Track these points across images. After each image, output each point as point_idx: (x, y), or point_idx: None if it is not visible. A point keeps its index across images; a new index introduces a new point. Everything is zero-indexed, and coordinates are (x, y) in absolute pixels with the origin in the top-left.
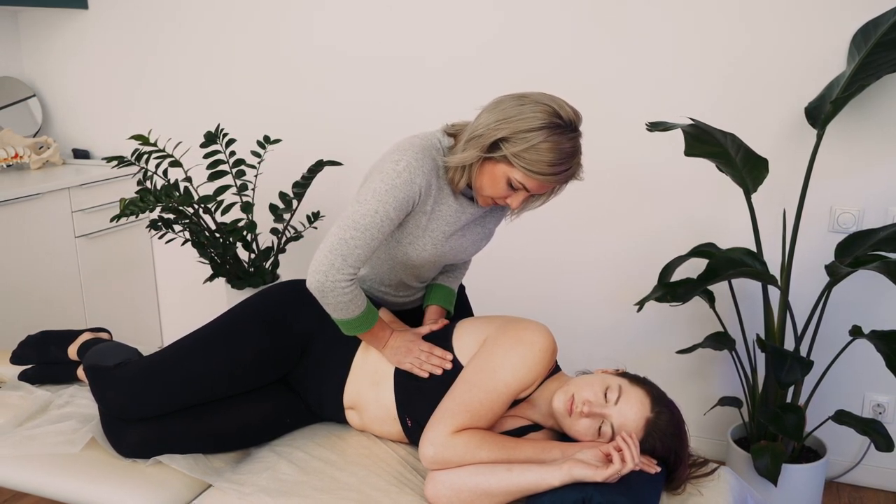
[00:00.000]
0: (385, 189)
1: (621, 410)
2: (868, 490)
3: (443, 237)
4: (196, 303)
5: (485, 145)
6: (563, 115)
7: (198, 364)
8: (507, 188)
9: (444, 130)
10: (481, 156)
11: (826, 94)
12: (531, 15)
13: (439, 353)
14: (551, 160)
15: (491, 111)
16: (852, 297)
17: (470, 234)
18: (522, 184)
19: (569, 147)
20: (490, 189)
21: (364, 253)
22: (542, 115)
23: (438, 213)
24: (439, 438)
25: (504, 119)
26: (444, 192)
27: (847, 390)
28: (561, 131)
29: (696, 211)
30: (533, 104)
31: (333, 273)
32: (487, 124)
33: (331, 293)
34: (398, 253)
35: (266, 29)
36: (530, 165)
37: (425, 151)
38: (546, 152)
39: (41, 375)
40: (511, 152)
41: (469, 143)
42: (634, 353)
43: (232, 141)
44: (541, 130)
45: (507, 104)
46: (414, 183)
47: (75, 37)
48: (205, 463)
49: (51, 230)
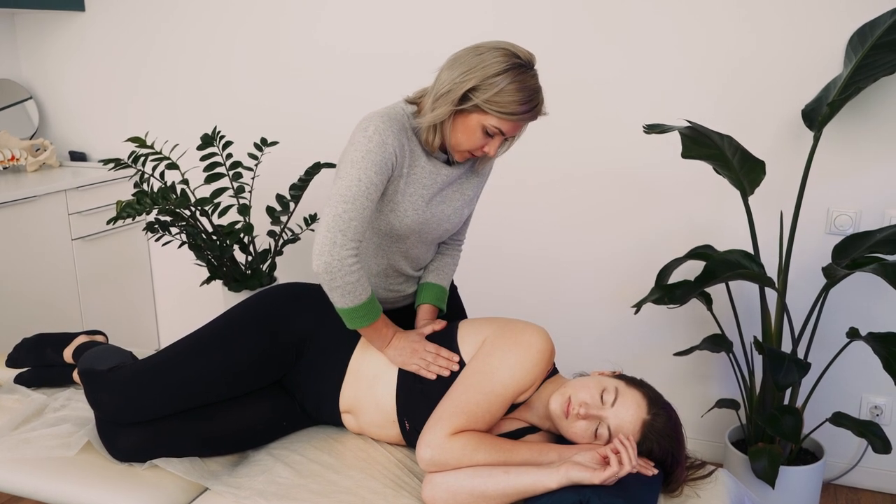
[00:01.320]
0: (361, 156)
1: (618, 413)
2: (865, 492)
3: (422, 202)
4: (193, 305)
5: (455, 99)
6: (521, 55)
7: (193, 367)
8: (484, 136)
9: (405, 100)
10: (453, 109)
11: (823, 97)
12: (530, 16)
13: (446, 354)
14: (521, 99)
15: (451, 67)
16: (849, 299)
17: (450, 201)
18: (498, 128)
19: (532, 83)
20: (466, 142)
21: (360, 224)
22: (502, 59)
23: (414, 176)
24: (436, 441)
25: (468, 70)
26: (416, 154)
27: (844, 392)
28: (524, 70)
29: (694, 213)
30: (490, 51)
31: (337, 250)
32: (452, 79)
33: (339, 272)
34: (381, 224)
35: (262, 31)
36: (503, 108)
37: (391, 117)
38: (515, 93)
39: (37, 378)
40: (482, 99)
41: (437, 101)
42: (632, 355)
43: (229, 143)
44: (506, 73)
45: (466, 56)
46: (387, 143)
47: (72, 39)
48: (201, 466)
49: (47, 232)
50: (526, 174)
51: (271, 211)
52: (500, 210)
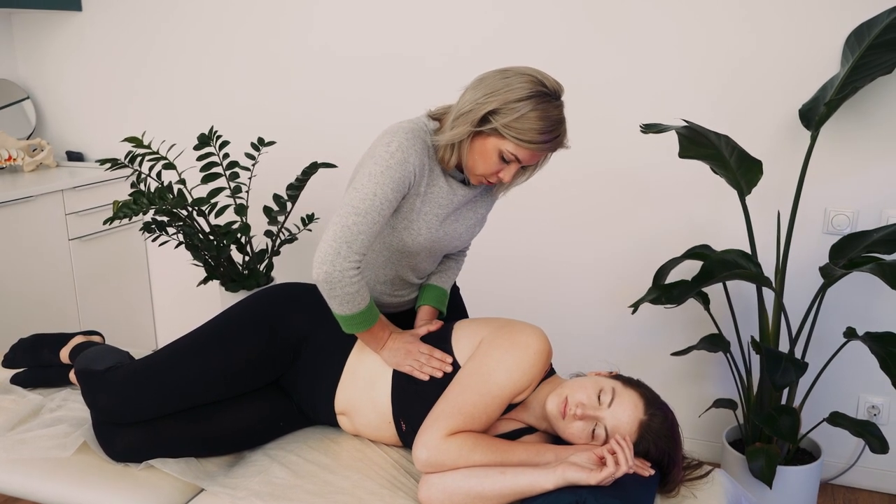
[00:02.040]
0: (380, 171)
1: (615, 413)
2: (863, 492)
3: (437, 221)
4: (190, 306)
5: (475, 120)
6: (548, 84)
7: (190, 367)
8: (499, 161)
9: (427, 115)
10: (472, 130)
11: (820, 96)
12: (529, 16)
13: (439, 355)
14: (541, 128)
15: (475, 88)
16: (847, 299)
17: (463, 220)
18: (514, 155)
19: (556, 114)
20: (482, 165)
21: (367, 238)
22: (528, 85)
23: (431, 195)
24: (433, 441)
25: (491, 92)
26: (435, 173)
27: (842, 392)
28: (547, 99)
29: (691, 213)
30: (517, 76)
31: (340, 261)
32: (475, 99)
33: (339, 283)
34: (394, 240)
35: (260, 31)
36: (521, 135)
37: (414, 132)
38: (536, 121)
39: (33, 379)
40: (501, 123)
41: (458, 120)
42: (629, 355)
43: (226, 143)
44: (529, 100)
45: (492, 79)
46: (408, 162)
47: (69, 39)
48: (197, 467)
49: (44, 233)
50: None
51: (268, 211)
52: (498, 211)
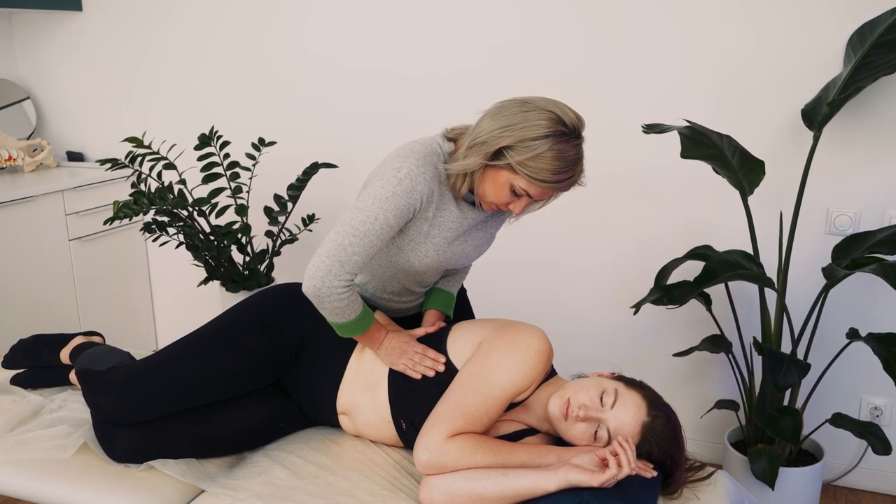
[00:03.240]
0: (386, 196)
1: (617, 414)
2: (865, 493)
3: (445, 243)
4: (191, 306)
5: (488, 153)
6: (568, 122)
7: (191, 368)
8: (510, 195)
9: (443, 135)
10: (484, 163)
11: (822, 96)
12: (530, 19)
13: (432, 354)
14: (556, 168)
15: (494, 117)
16: (849, 300)
17: (472, 239)
18: (526, 191)
19: (572, 154)
20: (493, 196)
21: (362, 260)
22: (546, 123)
23: (440, 220)
24: (434, 443)
25: (508, 126)
26: (445, 199)
27: (844, 393)
28: (565, 139)
29: (693, 213)
30: (537, 111)
31: (330, 279)
32: (491, 131)
33: (327, 299)
34: (400, 260)
35: (260, 31)
36: (535, 174)
37: (426, 158)
38: (551, 161)
39: (33, 379)
40: (515, 161)
41: (471, 149)
42: (631, 356)
43: (226, 143)
44: (546, 139)
45: (511, 110)
46: (415, 190)
47: (69, 39)
48: (198, 468)
49: (44, 233)
50: None
51: (269, 211)
52: None
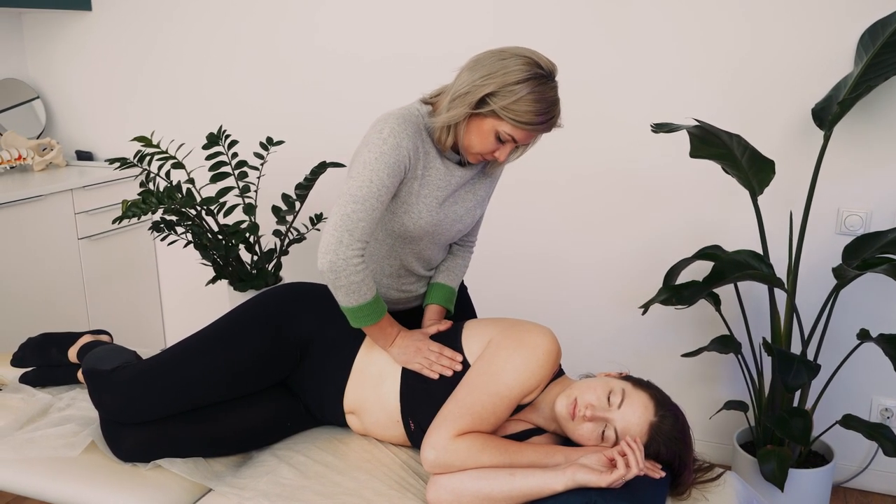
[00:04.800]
0: (374, 157)
1: (625, 414)
2: (876, 495)
3: (436, 203)
4: (199, 305)
5: (472, 102)
6: (543, 65)
7: (197, 367)
8: (496, 142)
9: (420, 100)
10: (469, 112)
11: (833, 95)
12: (533, 16)
13: (449, 353)
14: (538, 109)
15: (472, 69)
16: (860, 300)
17: (462, 201)
18: (511, 135)
19: (551, 96)
20: (479, 145)
21: (368, 225)
22: (525, 68)
23: (429, 178)
24: (441, 442)
25: (488, 75)
26: (430, 155)
27: (854, 394)
28: (544, 81)
29: (702, 213)
30: (514, 57)
31: (343, 249)
32: (472, 81)
33: (343, 272)
34: (395, 225)
35: (269, 30)
36: (519, 117)
37: (406, 118)
38: (533, 103)
39: (42, 378)
40: (499, 106)
41: (454, 101)
42: (639, 356)
43: (234, 142)
44: (526, 82)
45: (488, 60)
46: (401, 147)
47: (79, 38)
48: (205, 467)
49: (54, 232)
50: (532, 174)
51: (277, 210)
52: (506, 210)
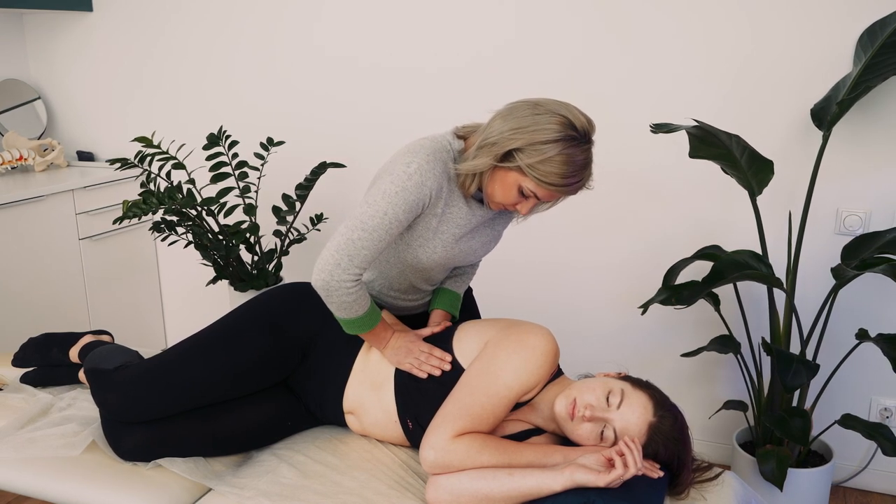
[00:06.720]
0: (395, 191)
1: (623, 415)
2: (875, 495)
3: (453, 240)
4: (200, 305)
5: (498, 154)
6: (578, 126)
7: (198, 367)
8: (518, 195)
9: (453, 133)
10: (494, 164)
11: (832, 96)
12: (538, 20)
13: (438, 353)
14: (564, 172)
15: (505, 118)
16: (859, 300)
17: (479, 237)
18: (534, 192)
19: (581, 159)
20: (501, 196)
21: (370, 254)
22: (557, 127)
23: (449, 216)
24: (440, 442)
25: (519, 128)
26: (454, 196)
27: (853, 394)
28: (575, 143)
29: (701, 213)
30: (548, 114)
31: (339, 273)
32: (501, 132)
33: (335, 292)
34: (408, 256)
35: (270, 31)
36: (543, 177)
37: (436, 154)
38: (560, 165)
39: (43, 378)
40: (525, 163)
41: (481, 149)
42: (638, 356)
43: (235, 143)
44: (556, 143)
45: (522, 112)
46: (424, 186)
47: (80, 39)
48: (205, 466)
49: (55, 232)
50: None
51: (277, 211)
52: None
